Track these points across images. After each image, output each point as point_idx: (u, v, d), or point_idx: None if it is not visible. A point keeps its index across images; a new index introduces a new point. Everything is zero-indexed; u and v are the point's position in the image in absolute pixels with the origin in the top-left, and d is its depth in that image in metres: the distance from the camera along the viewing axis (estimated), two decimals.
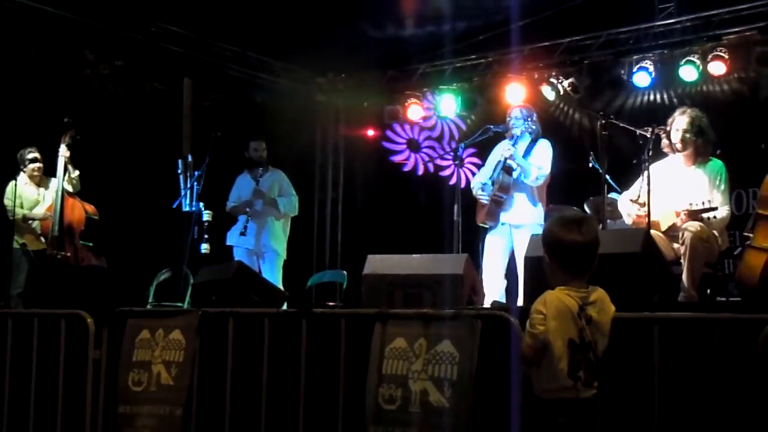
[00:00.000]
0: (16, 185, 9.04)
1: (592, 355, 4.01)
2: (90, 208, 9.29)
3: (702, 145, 7.22)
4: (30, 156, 9.25)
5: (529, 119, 8.65)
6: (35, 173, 9.27)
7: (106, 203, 9.66)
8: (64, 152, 9.08)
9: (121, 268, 8.60)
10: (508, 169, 8.48)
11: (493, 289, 8.25)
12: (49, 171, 9.26)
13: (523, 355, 4.14)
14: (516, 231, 8.41)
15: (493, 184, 8.54)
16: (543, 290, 4.14)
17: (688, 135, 7.20)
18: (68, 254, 8.99)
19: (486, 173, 8.79)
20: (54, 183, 9.18)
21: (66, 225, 9.04)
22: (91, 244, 9.23)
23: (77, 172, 9.25)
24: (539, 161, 8.47)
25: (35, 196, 9.27)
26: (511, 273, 8.40)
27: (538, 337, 3.98)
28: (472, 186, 8.84)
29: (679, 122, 7.26)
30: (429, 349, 5.01)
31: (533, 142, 8.62)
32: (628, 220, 7.42)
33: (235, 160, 10.30)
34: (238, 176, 10.24)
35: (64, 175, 9.09)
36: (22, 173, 9.25)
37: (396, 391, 5.05)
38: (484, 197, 8.55)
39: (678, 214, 6.83)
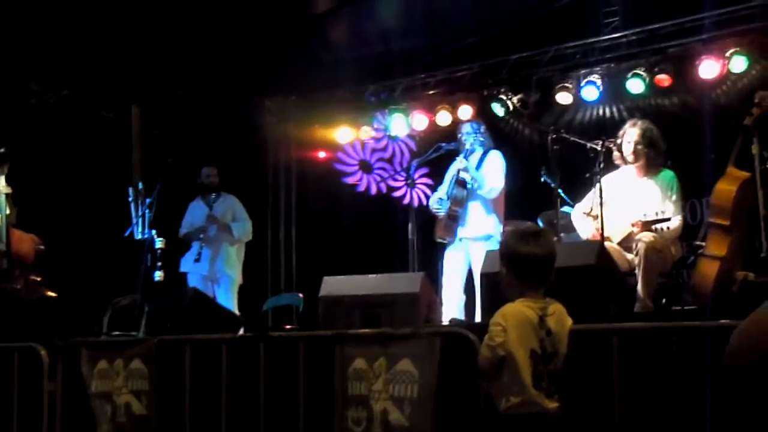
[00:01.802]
0: None
1: (553, 366, 4.02)
2: (37, 239, 9.15)
3: (653, 157, 7.29)
4: None
5: (479, 132, 8.69)
6: None
7: (56, 233, 9.53)
8: (5, 188, 8.94)
9: (74, 299, 8.48)
10: (461, 183, 8.52)
11: (452, 306, 8.25)
12: None
13: (480, 368, 4.14)
14: (472, 244, 8.43)
15: (448, 199, 8.56)
16: (501, 305, 4.14)
17: (639, 146, 7.27)
18: (18, 287, 8.85)
19: (444, 190, 8.81)
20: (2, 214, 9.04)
21: (14, 257, 8.89)
22: (39, 279, 9.09)
23: (15, 209, 9.10)
24: (491, 172, 8.51)
25: None
26: (470, 288, 8.40)
27: (495, 349, 3.98)
28: (430, 204, 8.85)
29: (630, 134, 7.33)
30: (389, 368, 5.01)
31: (484, 154, 8.66)
32: (582, 234, 7.46)
33: (186, 186, 10.23)
34: (190, 202, 10.18)
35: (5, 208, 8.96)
36: None
37: (362, 413, 5.05)
38: (441, 211, 8.57)
39: (636, 225, 6.87)
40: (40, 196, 9.64)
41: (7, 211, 8.88)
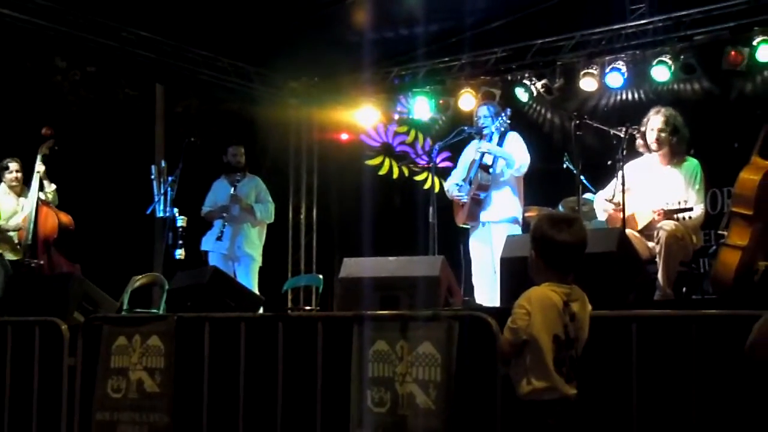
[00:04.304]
0: None
1: (574, 352, 4.01)
2: (66, 218, 9.23)
3: (677, 144, 7.24)
4: (8, 166, 9.20)
5: (502, 116, 8.61)
6: (14, 183, 9.23)
7: (79, 210, 9.60)
8: (39, 166, 9.05)
9: (96, 275, 8.53)
10: (485, 167, 8.48)
11: (485, 292, 8.21)
12: (29, 181, 9.22)
13: (500, 351, 4.13)
14: (496, 227, 8.41)
15: (470, 184, 8.53)
16: (520, 290, 4.13)
17: (663, 134, 7.22)
18: (42, 262, 8.94)
19: (459, 175, 8.78)
20: (34, 193, 9.14)
21: (40, 234, 8.99)
22: (62, 255, 9.16)
23: (53, 186, 9.23)
24: (516, 150, 8.48)
25: (14, 207, 9.22)
26: None
27: (518, 332, 3.96)
28: (446, 189, 8.82)
29: (654, 122, 7.28)
30: (411, 351, 5.02)
31: (502, 136, 8.61)
32: (602, 217, 7.44)
33: (208, 165, 10.25)
34: (214, 181, 10.19)
35: (40, 188, 9.06)
36: (2, 184, 9.21)
37: (385, 394, 5.08)
38: (463, 197, 8.55)
39: (657, 213, 6.85)
40: (64, 172, 9.68)
41: (40, 192, 9.00)
